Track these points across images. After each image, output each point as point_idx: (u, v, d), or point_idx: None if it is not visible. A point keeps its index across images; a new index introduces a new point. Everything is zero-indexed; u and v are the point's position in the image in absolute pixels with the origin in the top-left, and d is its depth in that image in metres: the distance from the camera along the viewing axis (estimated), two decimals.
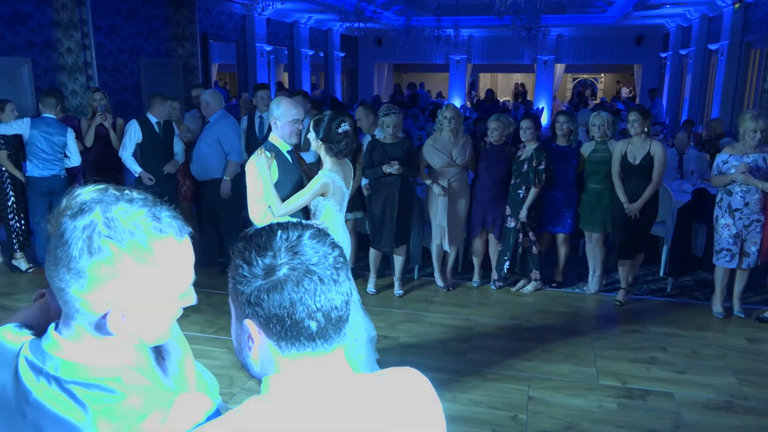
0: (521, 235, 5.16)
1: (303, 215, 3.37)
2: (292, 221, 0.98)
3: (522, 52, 17.42)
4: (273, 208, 3.20)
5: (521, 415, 3.46)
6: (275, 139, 3.38)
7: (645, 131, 4.80)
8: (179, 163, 5.72)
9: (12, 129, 5.34)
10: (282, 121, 3.32)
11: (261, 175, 3.16)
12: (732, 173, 4.55)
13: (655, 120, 11.55)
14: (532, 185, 5.01)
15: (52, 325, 0.99)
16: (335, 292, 0.92)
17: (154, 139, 5.55)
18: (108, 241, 0.89)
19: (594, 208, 5.09)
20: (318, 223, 1.08)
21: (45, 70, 7.61)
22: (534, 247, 5.22)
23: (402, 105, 13.56)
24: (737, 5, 10.04)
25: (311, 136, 3.40)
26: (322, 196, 3.30)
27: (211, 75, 11.84)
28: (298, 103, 3.56)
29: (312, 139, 3.40)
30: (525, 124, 5.11)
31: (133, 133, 5.48)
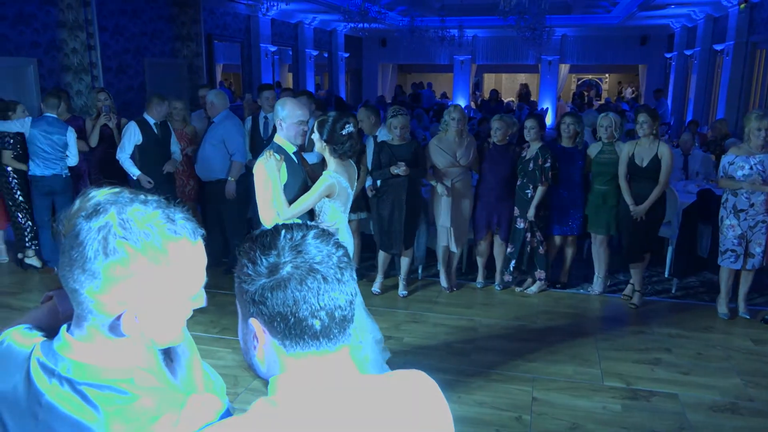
0: (529, 235, 5.17)
1: (308, 216, 3.35)
2: (297, 222, 0.99)
3: (526, 52, 17.40)
4: (280, 211, 3.16)
5: (525, 416, 3.46)
6: (281, 141, 3.34)
7: (654, 133, 4.78)
8: (178, 162, 5.71)
9: (13, 126, 5.37)
10: (287, 123, 3.29)
11: (270, 178, 3.13)
12: (740, 180, 4.54)
13: (661, 120, 11.49)
14: (539, 184, 5.01)
15: (64, 327, 1.00)
16: (339, 291, 0.92)
17: (152, 141, 5.52)
18: (123, 242, 0.90)
19: (599, 209, 5.08)
20: (326, 225, 1.09)
21: (50, 70, 7.63)
22: (541, 247, 5.22)
23: (403, 105, 13.51)
24: (743, 5, 10.00)
25: (315, 137, 3.39)
26: (327, 197, 3.29)
27: (216, 75, 11.87)
28: (303, 104, 3.53)
29: (316, 140, 3.39)
30: (529, 123, 5.11)
31: (132, 135, 5.44)
